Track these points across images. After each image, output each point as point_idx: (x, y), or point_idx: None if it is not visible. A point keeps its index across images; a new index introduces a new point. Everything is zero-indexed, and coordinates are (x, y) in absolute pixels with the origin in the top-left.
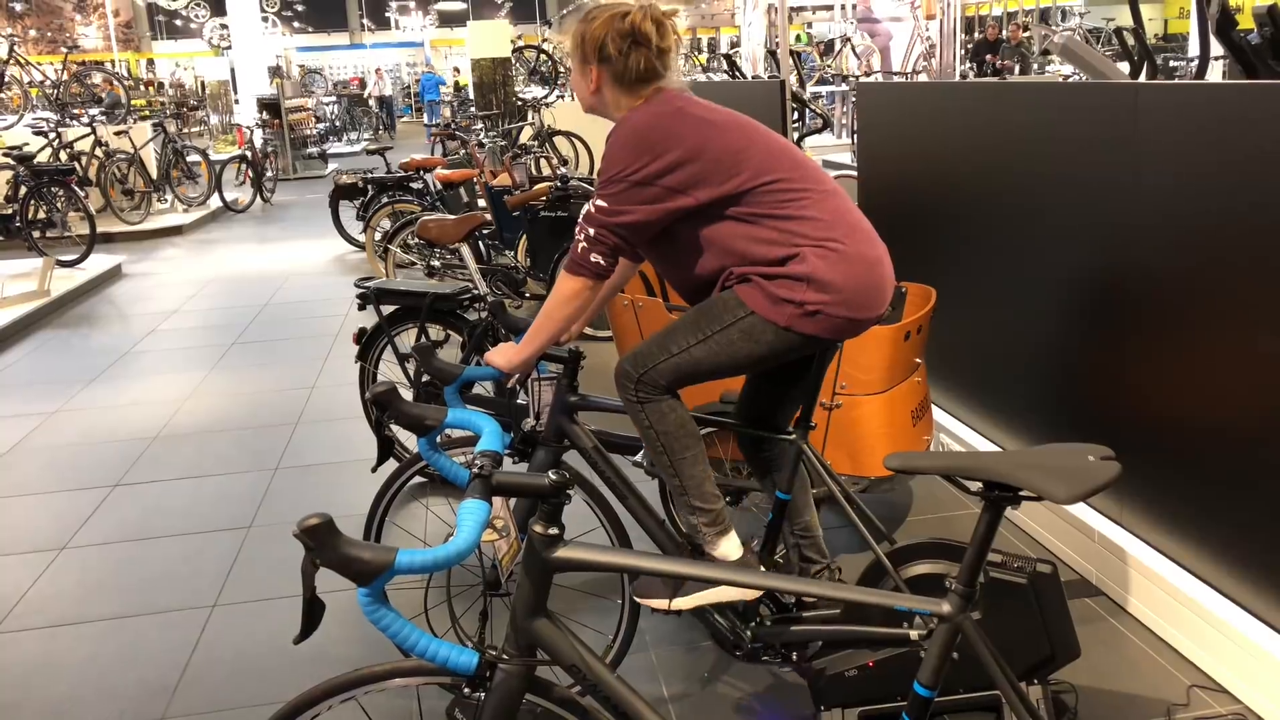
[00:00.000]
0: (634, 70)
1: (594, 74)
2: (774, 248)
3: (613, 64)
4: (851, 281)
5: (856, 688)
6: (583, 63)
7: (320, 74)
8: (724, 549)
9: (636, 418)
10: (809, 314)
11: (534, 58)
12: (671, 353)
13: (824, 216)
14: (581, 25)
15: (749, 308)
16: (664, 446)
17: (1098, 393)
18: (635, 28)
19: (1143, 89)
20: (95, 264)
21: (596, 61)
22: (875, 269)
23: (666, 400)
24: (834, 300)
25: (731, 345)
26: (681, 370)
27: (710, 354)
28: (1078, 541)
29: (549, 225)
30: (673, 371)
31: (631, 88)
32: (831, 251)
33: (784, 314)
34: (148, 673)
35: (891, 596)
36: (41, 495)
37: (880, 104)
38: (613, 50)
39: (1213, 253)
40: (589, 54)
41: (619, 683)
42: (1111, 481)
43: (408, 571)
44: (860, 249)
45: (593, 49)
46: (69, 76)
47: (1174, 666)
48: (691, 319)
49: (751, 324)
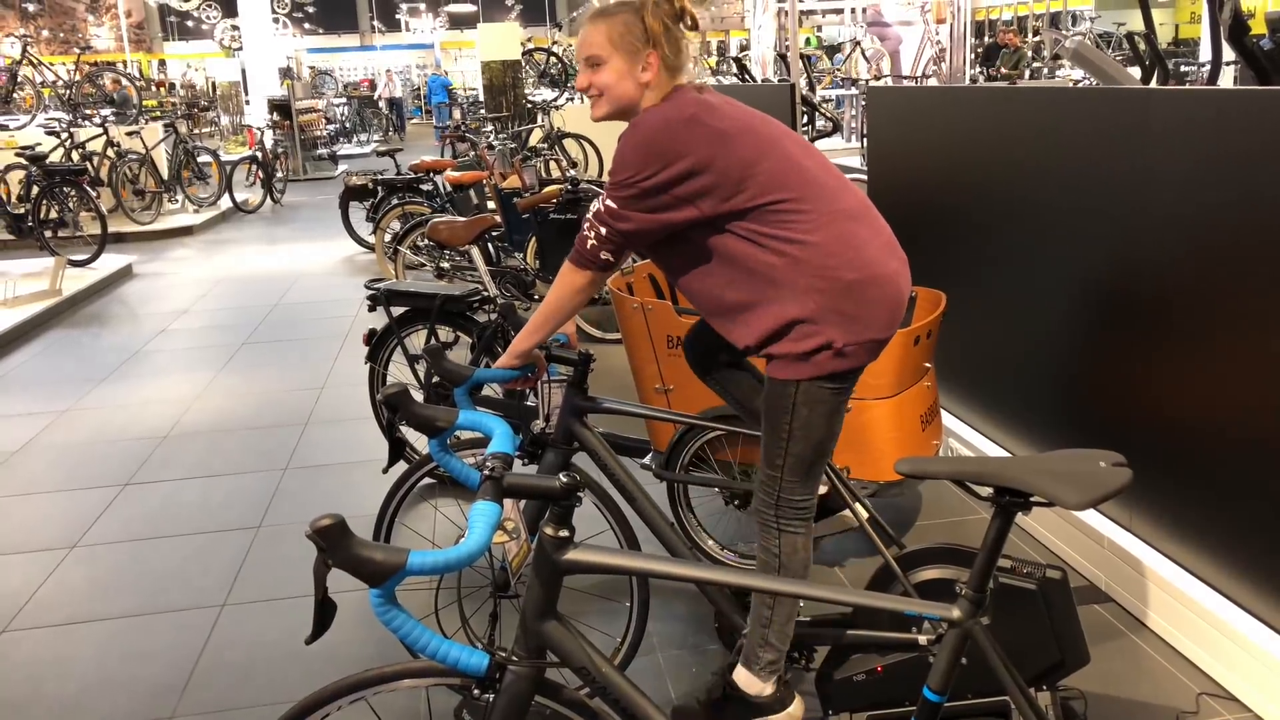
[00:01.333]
0: (684, 53)
1: (653, 59)
2: (773, 271)
3: (666, 46)
4: (861, 308)
5: (865, 692)
6: (633, 52)
7: (331, 75)
8: (763, 688)
9: (769, 543)
10: (838, 353)
11: (544, 60)
12: (780, 467)
13: (824, 243)
14: (629, 12)
15: (791, 380)
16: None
17: (1108, 398)
18: (683, 8)
19: (1154, 94)
20: (106, 264)
21: (654, 46)
22: (885, 287)
23: (802, 538)
24: (851, 328)
25: (809, 422)
26: (799, 472)
27: (804, 443)
28: (1087, 548)
29: (558, 227)
30: (795, 479)
31: (673, 75)
32: (835, 281)
33: (818, 365)
34: (157, 672)
35: (901, 601)
36: (52, 494)
37: (890, 108)
38: (663, 31)
39: (1224, 259)
40: (648, 37)
41: (628, 685)
42: (1123, 488)
43: (419, 573)
44: (867, 271)
45: (658, 29)
46: (81, 77)
47: (1183, 674)
48: (769, 432)
49: (805, 392)
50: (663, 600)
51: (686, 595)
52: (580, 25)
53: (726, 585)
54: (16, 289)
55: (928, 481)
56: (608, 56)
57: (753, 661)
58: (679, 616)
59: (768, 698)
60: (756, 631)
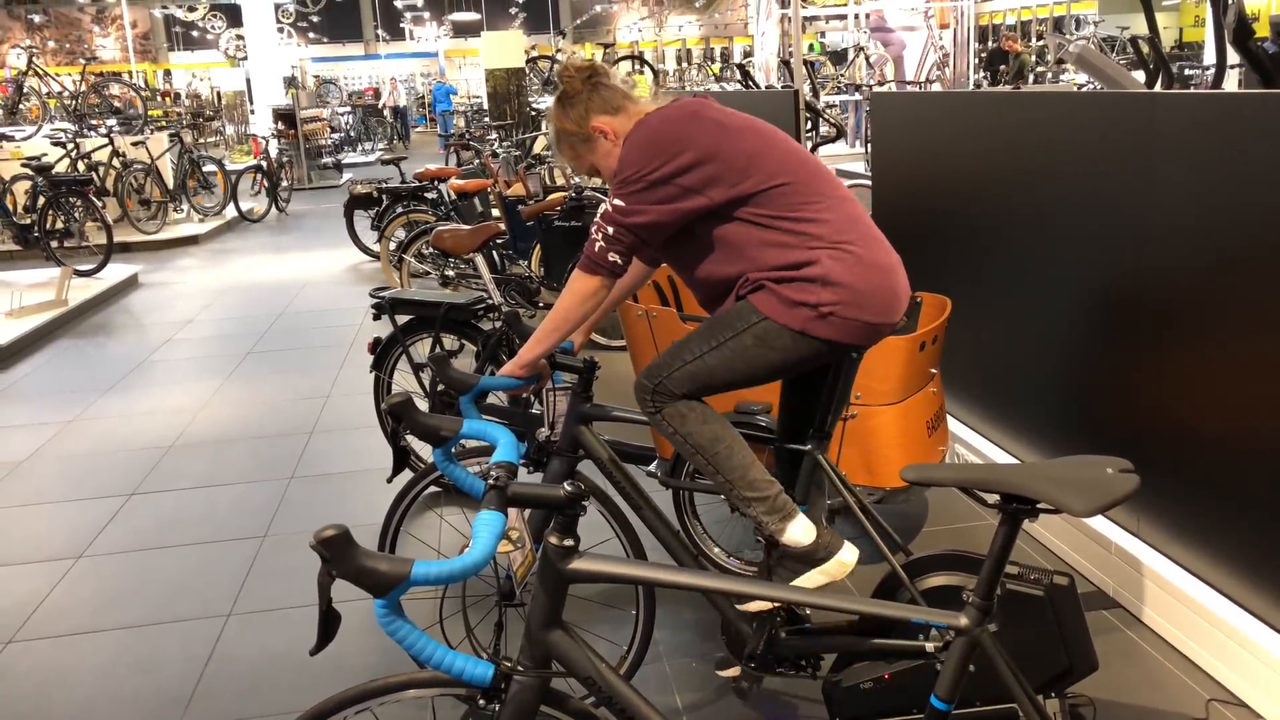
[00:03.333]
0: (617, 84)
1: (601, 126)
2: (788, 251)
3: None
4: (865, 284)
5: (872, 700)
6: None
7: (335, 84)
8: (793, 535)
9: (661, 427)
10: (822, 316)
11: (548, 68)
12: (685, 360)
13: (837, 220)
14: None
15: (762, 313)
16: (694, 447)
17: (1115, 403)
18: (579, 65)
19: (1159, 98)
20: (112, 273)
21: (591, 118)
22: (889, 275)
23: (683, 401)
24: (847, 301)
25: (746, 352)
26: (697, 378)
27: (724, 361)
28: (1095, 554)
29: (563, 235)
30: (688, 380)
31: (626, 104)
32: (846, 253)
33: (798, 317)
34: (163, 682)
35: (908, 609)
36: (58, 504)
37: (895, 113)
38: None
39: (1231, 263)
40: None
41: (634, 694)
42: (1130, 494)
43: (423, 583)
44: (874, 254)
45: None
46: (87, 87)
47: (1192, 680)
48: (706, 327)
49: (765, 329)
50: (669, 608)
51: (693, 603)
52: None
53: (733, 594)
54: (23, 299)
55: (933, 489)
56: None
57: (761, 523)
58: (686, 624)
59: (810, 546)
60: (731, 498)
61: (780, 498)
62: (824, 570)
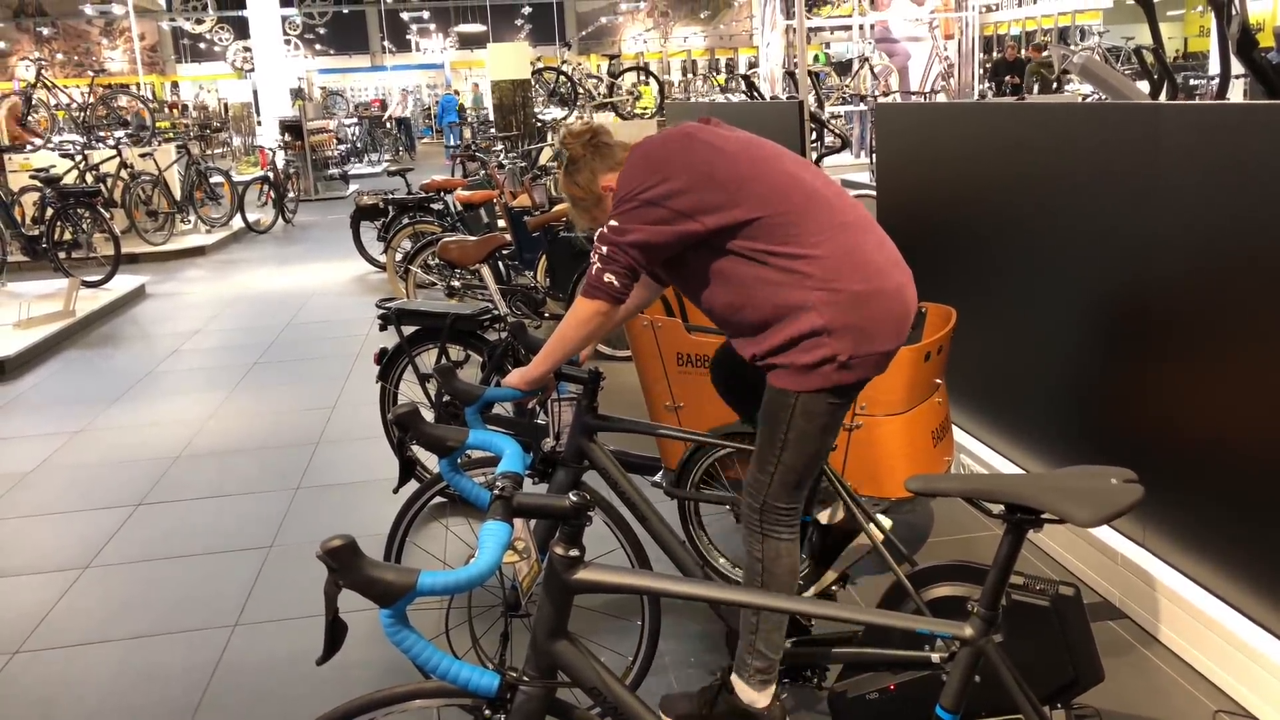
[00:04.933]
0: (613, 139)
1: (611, 180)
2: (781, 290)
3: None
4: (868, 318)
5: (878, 710)
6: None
7: (342, 96)
8: (756, 697)
9: (752, 548)
10: (843, 365)
11: (553, 79)
12: (770, 474)
13: (831, 256)
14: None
15: (792, 392)
16: (763, 584)
17: (1120, 413)
18: (577, 131)
19: (1164, 109)
20: (120, 284)
21: (596, 178)
22: (891, 300)
23: (786, 544)
24: (857, 340)
25: (806, 432)
26: (788, 481)
27: (797, 453)
28: (1100, 564)
29: (568, 246)
30: (783, 488)
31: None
32: (839, 292)
33: (822, 377)
34: (170, 692)
35: (913, 620)
36: (65, 514)
37: (899, 124)
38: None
39: (1236, 273)
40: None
41: (640, 704)
42: (1134, 505)
43: (430, 593)
44: (874, 284)
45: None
46: (95, 100)
47: (1200, 691)
48: (764, 437)
49: (805, 403)
50: (674, 619)
51: (698, 613)
52: None
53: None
54: (31, 310)
55: (939, 499)
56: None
57: (743, 669)
58: (691, 635)
59: (760, 710)
60: (745, 639)
61: (775, 670)
62: None
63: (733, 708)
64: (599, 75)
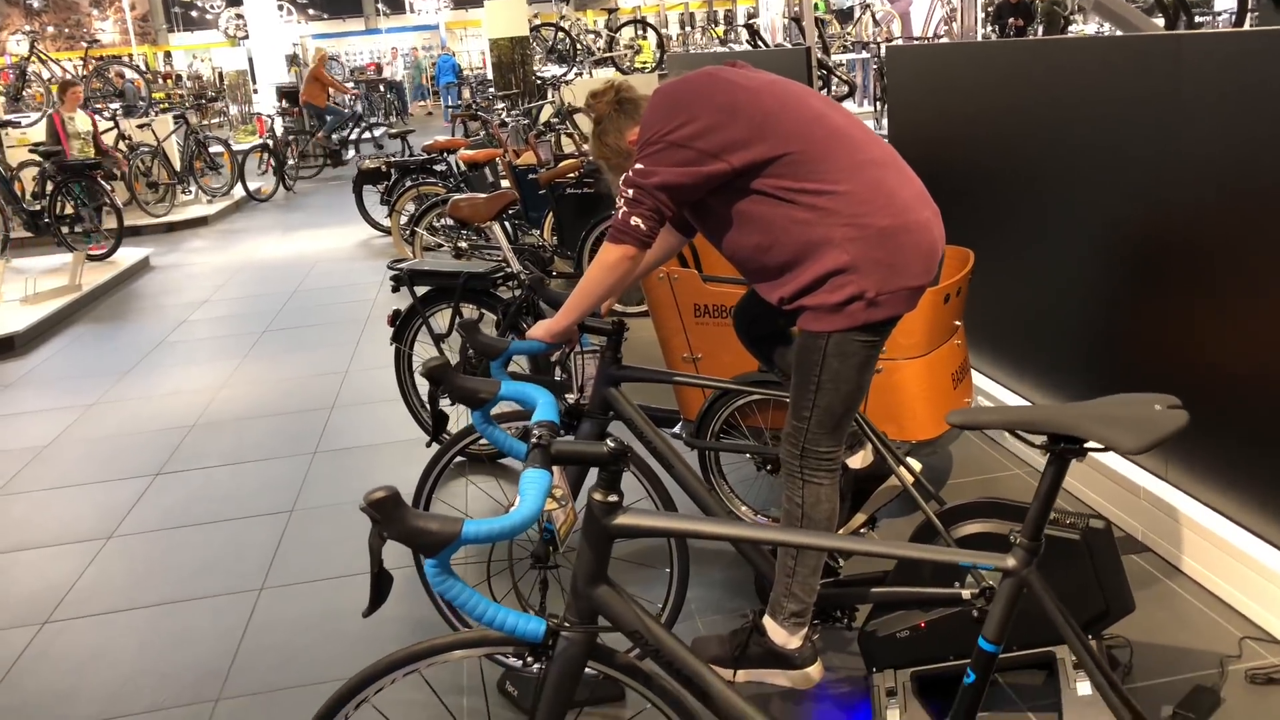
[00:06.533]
0: (637, 94)
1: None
2: (808, 229)
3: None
4: (895, 252)
5: (908, 649)
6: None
7: (338, 60)
8: (789, 639)
9: (793, 494)
10: (871, 303)
11: (552, 35)
12: (806, 418)
13: (856, 190)
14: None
15: (823, 333)
16: (802, 529)
17: (1139, 349)
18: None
19: (1186, 39)
20: (124, 257)
21: (632, 124)
22: (919, 235)
23: (826, 488)
24: (886, 277)
25: (840, 373)
26: (826, 424)
27: (833, 394)
28: (1124, 499)
29: (575, 203)
30: (822, 430)
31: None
32: (866, 227)
33: (851, 315)
34: (201, 656)
35: (957, 553)
36: (85, 486)
37: (911, 67)
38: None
39: (1262, 201)
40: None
41: (680, 646)
42: (1179, 430)
43: (474, 541)
44: (901, 218)
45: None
46: (89, 72)
47: (1225, 619)
48: (798, 382)
49: (837, 343)
50: (699, 567)
51: (724, 560)
52: None
53: (778, 544)
54: (37, 286)
55: (959, 440)
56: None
57: (778, 612)
58: (716, 583)
59: (792, 651)
60: (781, 582)
61: (809, 612)
62: (789, 675)
63: (765, 649)
64: (597, 30)
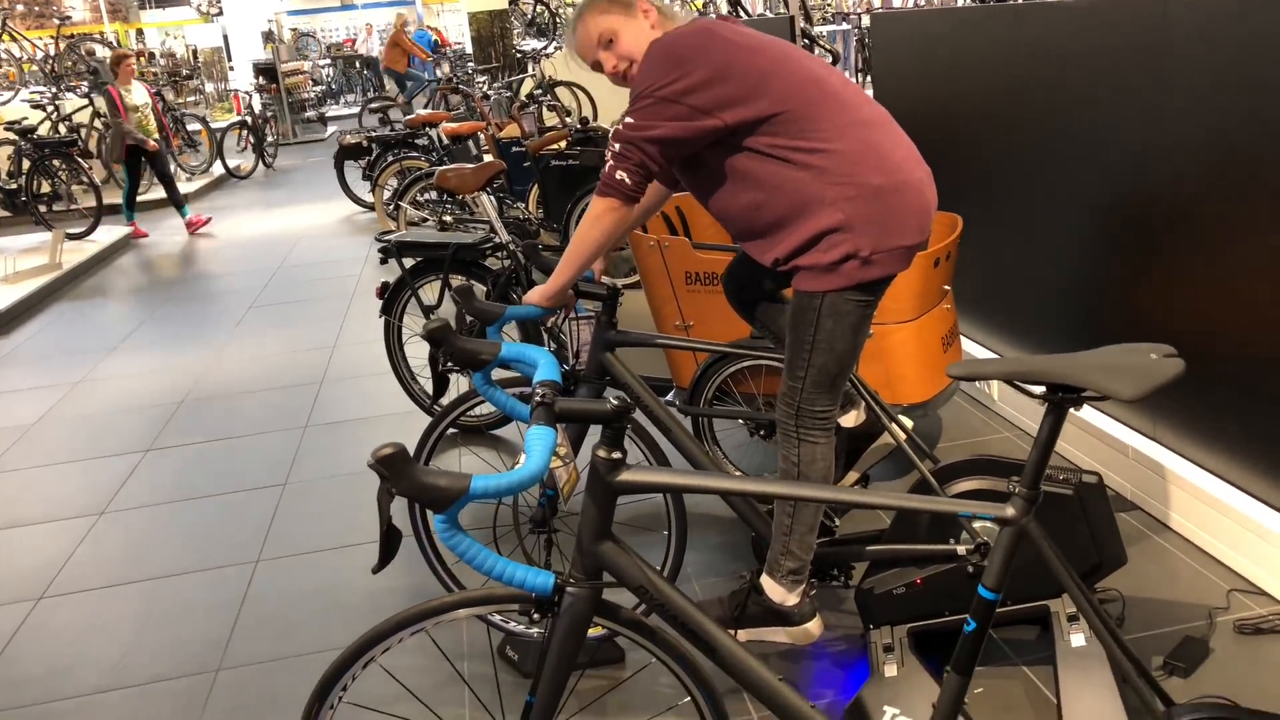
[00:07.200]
0: None
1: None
2: (801, 187)
3: None
4: (888, 211)
5: (905, 605)
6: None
7: (313, 37)
8: (787, 597)
9: (789, 453)
10: (865, 261)
11: (530, 8)
12: (801, 378)
13: (850, 149)
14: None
15: (817, 292)
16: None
17: (1126, 310)
18: None
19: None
20: (104, 235)
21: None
22: (911, 193)
23: (822, 447)
24: (879, 236)
25: (834, 333)
26: (821, 383)
27: (827, 354)
28: (1112, 458)
29: (560, 175)
30: (816, 389)
31: (666, 16)
32: (860, 185)
33: (845, 275)
34: (200, 628)
35: (956, 503)
36: (74, 463)
37: (896, 33)
38: None
39: (1251, 163)
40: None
41: (685, 601)
42: (1175, 378)
43: (482, 496)
44: (894, 177)
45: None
46: (59, 51)
47: (1212, 573)
48: (792, 341)
49: (831, 303)
50: (697, 529)
51: (721, 524)
52: (571, 39)
53: (780, 497)
54: (17, 264)
55: (948, 405)
56: (616, 27)
57: (775, 570)
58: (713, 546)
59: (791, 608)
60: (778, 540)
61: (806, 570)
62: (789, 631)
63: (764, 608)
64: (575, 3)
